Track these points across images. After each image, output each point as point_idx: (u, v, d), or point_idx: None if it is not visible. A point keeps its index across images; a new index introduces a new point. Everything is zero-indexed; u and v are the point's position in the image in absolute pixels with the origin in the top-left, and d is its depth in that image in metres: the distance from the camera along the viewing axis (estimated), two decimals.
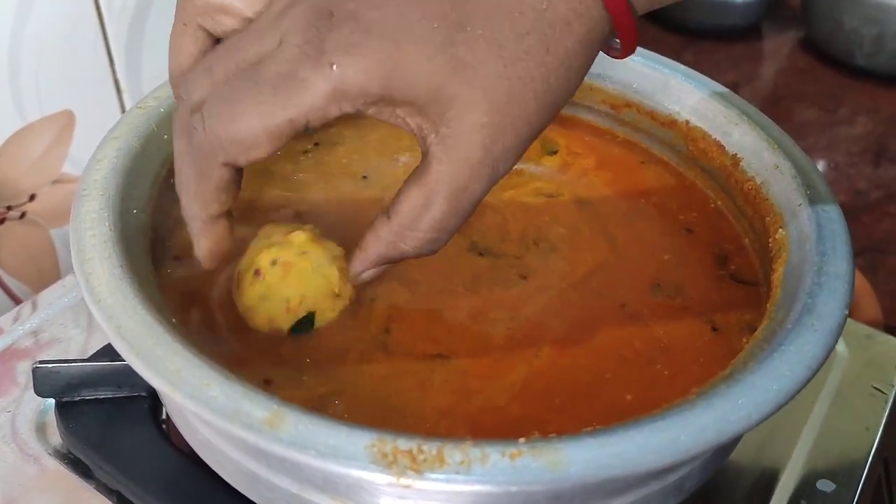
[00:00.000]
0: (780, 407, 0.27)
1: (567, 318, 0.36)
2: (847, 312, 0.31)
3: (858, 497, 0.41)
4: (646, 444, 0.26)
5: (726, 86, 0.44)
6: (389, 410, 0.32)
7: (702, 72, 0.45)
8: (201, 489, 0.37)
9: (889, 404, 0.46)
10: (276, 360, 0.33)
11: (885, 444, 0.45)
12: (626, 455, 0.25)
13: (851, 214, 0.27)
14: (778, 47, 1.09)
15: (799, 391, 0.28)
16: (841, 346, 0.48)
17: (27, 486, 0.39)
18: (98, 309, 0.29)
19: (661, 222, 0.42)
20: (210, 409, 0.26)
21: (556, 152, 0.46)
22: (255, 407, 0.26)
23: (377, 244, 0.32)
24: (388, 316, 0.36)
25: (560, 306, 0.37)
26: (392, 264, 0.33)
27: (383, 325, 0.35)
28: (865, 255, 0.76)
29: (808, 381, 0.28)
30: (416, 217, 0.30)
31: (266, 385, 0.32)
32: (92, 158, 0.36)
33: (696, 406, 0.27)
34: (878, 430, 0.44)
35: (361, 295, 0.36)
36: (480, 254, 0.39)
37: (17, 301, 0.59)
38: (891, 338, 0.50)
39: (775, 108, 0.41)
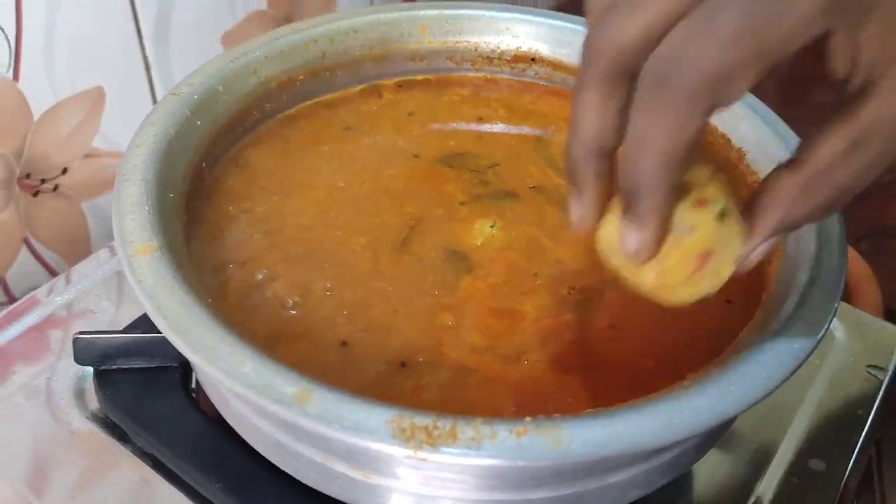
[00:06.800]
0: (768, 394, 0.30)
1: (595, 290, 0.38)
2: (836, 307, 0.33)
3: (847, 476, 0.43)
4: (642, 425, 0.28)
5: None
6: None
7: None
8: (228, 454, 0.39)
9: (883, 388, 0.48)
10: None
11: (878, 426, 0.46)
12: (623, 435, 0.28)
13: (860, 197, 0.27)
14: None
15: (786, 380, 0.30)
16: (839, 332, 0.50)
17: (61, 445, 0.41)
18: (140, 289, 0.31)
19: None
20: (243, 383, 0.28)
21: None
22: (285, 383, 0.28)
23: (777, 204, 0.27)
24: None
25: (586, 279, 0.39)
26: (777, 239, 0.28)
27: None
28: (872, 238, 0.77)
29: (796, 370, 0.30)
30: (836, 164, 0.26)
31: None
32: (131, 144, 0.38)
33: (689, 391, 0.29)
34: (871, 413, 0.46)
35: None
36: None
37: (51, 272, 0.61)
38: (888, 324, 0.52)
39: (792, 89, 0.42)
